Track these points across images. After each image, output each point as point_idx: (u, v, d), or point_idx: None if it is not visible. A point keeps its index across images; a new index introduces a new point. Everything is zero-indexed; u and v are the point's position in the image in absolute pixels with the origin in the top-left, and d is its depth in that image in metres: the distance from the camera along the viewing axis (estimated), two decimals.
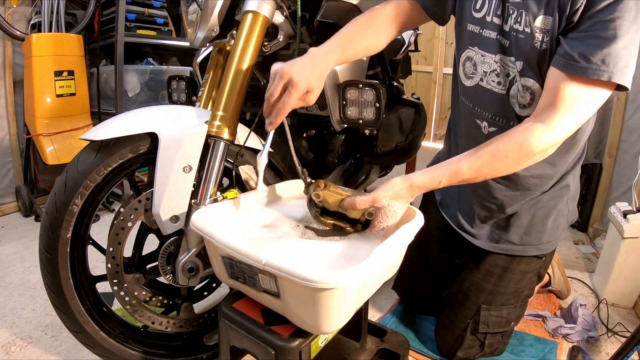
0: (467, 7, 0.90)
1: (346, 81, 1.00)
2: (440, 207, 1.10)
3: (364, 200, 0.74)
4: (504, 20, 0.84)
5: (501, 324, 0.99)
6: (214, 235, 0.66)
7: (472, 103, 0.95)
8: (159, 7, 2.22)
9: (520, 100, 0.85)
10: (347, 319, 0.65)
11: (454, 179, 0.76)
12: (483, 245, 0.99)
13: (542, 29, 0.77)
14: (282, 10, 0.95)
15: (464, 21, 0.91)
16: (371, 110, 0.99)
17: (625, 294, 1.31)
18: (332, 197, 0.77)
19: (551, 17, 0.75)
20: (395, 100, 1.42)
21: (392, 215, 0.76)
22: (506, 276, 0.97)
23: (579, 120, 0.73)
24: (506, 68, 0.86)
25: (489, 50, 0.88)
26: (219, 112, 0.82)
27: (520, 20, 0.81)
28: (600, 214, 1.81)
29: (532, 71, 0.81)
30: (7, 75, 1.96)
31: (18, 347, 1.07)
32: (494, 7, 0.85)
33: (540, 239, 0.95)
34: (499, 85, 0.88)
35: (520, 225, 0.95)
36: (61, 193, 0.79)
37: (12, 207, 2.06)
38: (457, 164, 0.76)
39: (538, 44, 0.78)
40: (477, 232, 1.00)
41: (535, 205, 0.94)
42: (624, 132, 1.72)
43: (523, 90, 0.84)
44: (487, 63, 0.90)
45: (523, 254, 0.96)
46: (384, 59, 1.32)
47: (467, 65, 0.93)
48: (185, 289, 0.93)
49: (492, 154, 0.74)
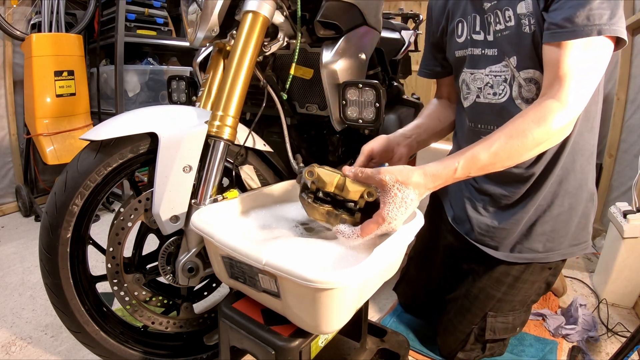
0: (452, 40, 0.96)
1: (346, 81, 1.00)
2: (454, 223, 1.04)
3: (366, 171, 0.66)
4: (486, 32, 0.87)
5: (507, 330, 0.97)
6: (214, 235, 0.66)
7: (473, 123, 0.96)
8: (159, 7, 2.22)
9: (526, 95, 0.83)
10: (347, 319, 0.65)
11: (471, 164, 0.69)
12: (505, 257, 0.93)
13: (525, 13, 0.78)
14: (282, 10, 0.95)
15: (451, 51, 0.97)
16: (371, 110, 0.99)
17: (625, 294, 1.31)
18: (327, 176, 0.68)
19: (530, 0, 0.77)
20: (395, 100, 1.42)
21: (400, 202, 0.65)
22: (517, 285, 0.94)
23: (589, 87, 0.71)
24: (501, 75, 0.86)
25: (476, 66, 0.91)
26: (219, 112, 0.82)
27: (499, 20, 0.83)
28: (600, 214, 1.81)
29: (529, 60, 0.81)
30: (7, 75, 1.96)
31: (18, 347, 1.07)
32: (472, 25, 0.90)
33: (563, 244, 0.91)
34: (495, 96, 0.89)
35: (543, 232, 0.91)
36: (61, 193, 0.79)
37: (12, 207, 2.06)
38: (472, 150, 0.70)
39: (526, 28, 0.79)
40: (497, 245, 0.95)
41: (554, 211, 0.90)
42: (624, 132, 1.72)
43: (526, 84, 0.83)
44: (478, 79, 0.91)
45: (547, 260, 0.92)
46: (384, 59, 1.32)
47: (463, 88, 0.96)
48: (185, 289, 0.93)
49: (510, 135, 0.69)
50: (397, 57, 1.53)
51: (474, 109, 0.94)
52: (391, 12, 1.95)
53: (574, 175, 0.89)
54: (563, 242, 0.92)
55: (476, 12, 0.89)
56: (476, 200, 0.97)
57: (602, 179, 1.80)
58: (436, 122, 1.03)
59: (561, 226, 0.91)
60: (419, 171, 0.68)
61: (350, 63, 1.03)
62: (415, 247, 1.18)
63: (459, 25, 0.94)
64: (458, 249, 1.05)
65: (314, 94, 1.09)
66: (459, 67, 0.97)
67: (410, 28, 1.71)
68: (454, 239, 1.05)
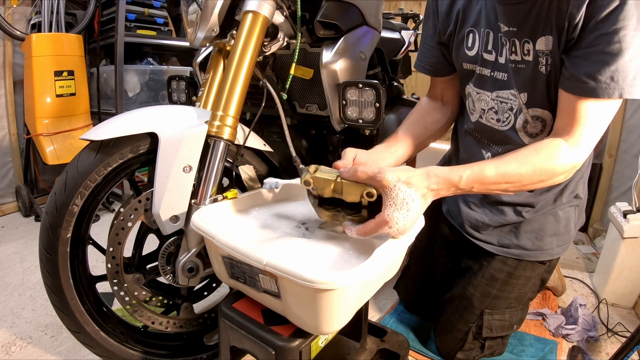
0: (461, 49, 0.90)
1: (346, 81, 1.00)
2: (448, 216, 1.07)
3: (366, 171, 0.62)
4: (498, 53, 0.82)
5: (504, 328, 0.98)
6: (214, 235, 0.66)
7: (479, 135, 0.96)
8: (159, 7, 2.22)
9: (530, 131, 0.83)
10: (347, 319, 0.65)
11: (477, 177, 0.68)
12: (494, 250, 0.95)
13: (544, 51, 0.74)
14: (282, 10, 0.95)
15: (460, 59, 0.91)
16: (371, 110, 0.99)
17: (625, 294, 1.31)
18: (322, 182, 0.66)
19: (551, 37, 0.72)
20: (395, 100, 1.42)
21: (401, 203, 0.61)
22: (511, 281, 0.95)
23: (597, 135, 0.72)
24: (507, 103, 0.84)
25: (484, 87, 0.88)
26: (219, 112, 0.82)
27: (515, 50, 0.78)
28: (600, 214, 1.82)
29: (540, 100, 0.79)
30: (7, 75, 1.96)
31: (18, 347, 1.07)
32: (484, 42, 0.84)
33: (552, 244, 0.93)
34: (498, 122, 0.88)
35: (532, 230, 0.93)
36: (61, 193, 0.79)
37: (12, 207, 2.06)
38: (480, 164, 0.69)
39: (543, 68, 0.75)
40: (486, 238, 0.97)
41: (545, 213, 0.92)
42: (624, 132, 1.72)
43: (533, 121, 0.82)
44: (483, 101, 0.89)
45: (534, 258, 0.94)
46: (384, 59, 1.32)
47: (468, 100, 0.94)
48: (185, 289, 0.93)
49: (521, 163, 0.69)
50: (397, 57, 1.53)
51: (477, 126, 0.94)
52: (391, 12, 1.95)
53: (568, 189, 0.92)
54: (552, 241, 0.94)
55: (490, 29, 0.82)
56: (468, 195, 0.99)
57: (602, 179, 1.80)
58: (422, 131, 0.95)
59: (550, 227, 0.93)
60: (422, 170, 0.66)
61: (350, 63, 1.03)
62: (415, 241, 1.19)
63: (469, 36, 0.87)
64: (454, 242, 1.07)
65: (314, 94, 1.09)
66: (466, 78, 0.93)
67: (410, 28, 1.71)
68: (449, 231, 1.08)
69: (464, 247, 1.03)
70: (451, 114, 1.02)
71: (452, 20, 0.90)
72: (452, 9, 0.90)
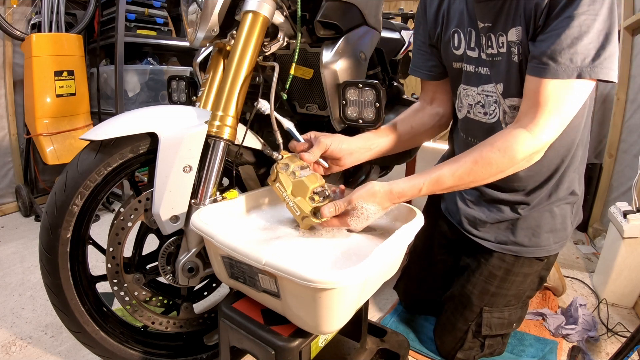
0: (448, 49, 0.94)
1: (346, 81, 1.00)
2: (446, 214, 1.09)
3: (340, 205, 0.74)
4: (480, 49, 0.86)
5: (503, 326, 0.98)
6: (214, 235, 0.66)
7: (465, 134, 0.98)
8: (159, 7, 2.22)
9: (509, 121, 0.85)
10: (347, 319, 0.65)
11: (435, 186, 0.76)
12: (491, 247, 0.97)
13: (515, 41, 0.78)
14: (282, 10, 0.95)
15: (449, 59, 0.96)
16: (371, 110, 0.99)
17: (625, 294, 1.31)
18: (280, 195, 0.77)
19: (520, 27, 0.76)
20: (395, 100, 1.42)
21: (364, 218, 0.74)
22: (509, 278, 0.96)
23: (561, 122, 0.73)
24: (492, 96, 0.87)
25: (470, 83, 0.91)
26: (219, 112, 0.82)
27: (491, 44, 0.83)
28: (600, 214, 1.81)
29: (515, 89, 0.81)
30: (7, 75, 1.96)
31: (18, 347, 1.07)
32: (468, 40, 0.88)
33: (549, 240, 0.94)
34: (485, 115, 0.90)
35: (528, 227, 0.94)
36: (61, 193, 0.79)
37: (12, 207, 2.06)
38: (438, 172, 0.76)
39: (515, 57, 0.79)
40: (484, 235, 0.98)
41: (541, 210, 0.93)
42: (624, 132, 1.72)
43: (510, 111, 0.85)
44: (470, 96, 0.92)
45: (531, 255, 0.95)
46: (384, 59, 1.32)
47: (457, 99, 0.97)
48: (185, 289, 0.93)
49: (475, 161, 0.74)
50: (397, 57, 1.53)
51: (465, 122, 0.96)
52: (391, 12, 1.95)
53: (563, 185, 0.92)
54: (549, 237, 0.94)
55: (471, 27, 0.87)
56: (466, 193, 1.01)
57: (602, 179, 1.80)
58: (407, 129, 1.00)
59: (546, 223, 0.94)
60: (385, 189, 0.74)
61: (350, 63, 1.03)
62: (414, 240, 1.19)
63: (454, 36, 0.92)
64: (453, 241, 1.08)
65: (314, 94, 1.09)
66: (454, 80, 0.97)
67: (410, 28, 1.71)
68: (448, 228, 1.09)
69: (463, 245, 1.04)
70: (442, 117, 1.04)
71: (439, 22, 0.96)
72: (438, 12, 0.96)
